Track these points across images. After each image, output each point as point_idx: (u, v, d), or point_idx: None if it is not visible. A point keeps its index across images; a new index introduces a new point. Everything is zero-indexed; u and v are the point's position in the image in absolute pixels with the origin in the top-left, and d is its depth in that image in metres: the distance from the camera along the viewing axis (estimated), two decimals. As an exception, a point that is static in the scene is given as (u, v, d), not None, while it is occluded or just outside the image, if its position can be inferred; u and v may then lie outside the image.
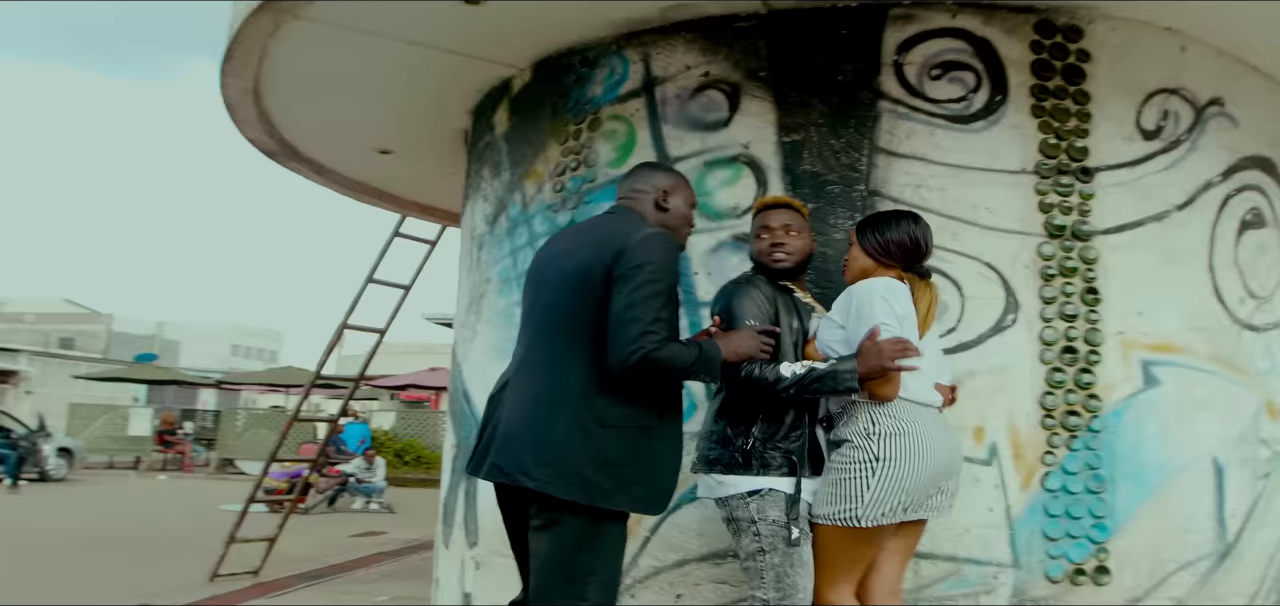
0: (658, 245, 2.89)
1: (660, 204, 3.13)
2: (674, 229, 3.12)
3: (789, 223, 3.32)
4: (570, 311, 2.93)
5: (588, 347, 2.85)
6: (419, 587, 7.51)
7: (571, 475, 2.77)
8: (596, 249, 2.92)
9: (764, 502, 3.09)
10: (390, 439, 21.41)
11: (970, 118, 3.99)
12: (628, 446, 2.84)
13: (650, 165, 3.35)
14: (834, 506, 3.05)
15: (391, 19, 4.32)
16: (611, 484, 2.79)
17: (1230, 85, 4.46)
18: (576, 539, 2.82)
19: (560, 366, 2.90)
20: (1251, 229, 4.45)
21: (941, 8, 4.05)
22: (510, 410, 2.98)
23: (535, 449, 2.83)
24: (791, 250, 3.30)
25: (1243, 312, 4.32)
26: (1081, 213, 3.99)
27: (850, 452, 3.07)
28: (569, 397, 2.85)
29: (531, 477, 2.81)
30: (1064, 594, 3.78)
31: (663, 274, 2.84)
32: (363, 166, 6.76)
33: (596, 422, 2.81)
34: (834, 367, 3.03)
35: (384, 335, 8.56)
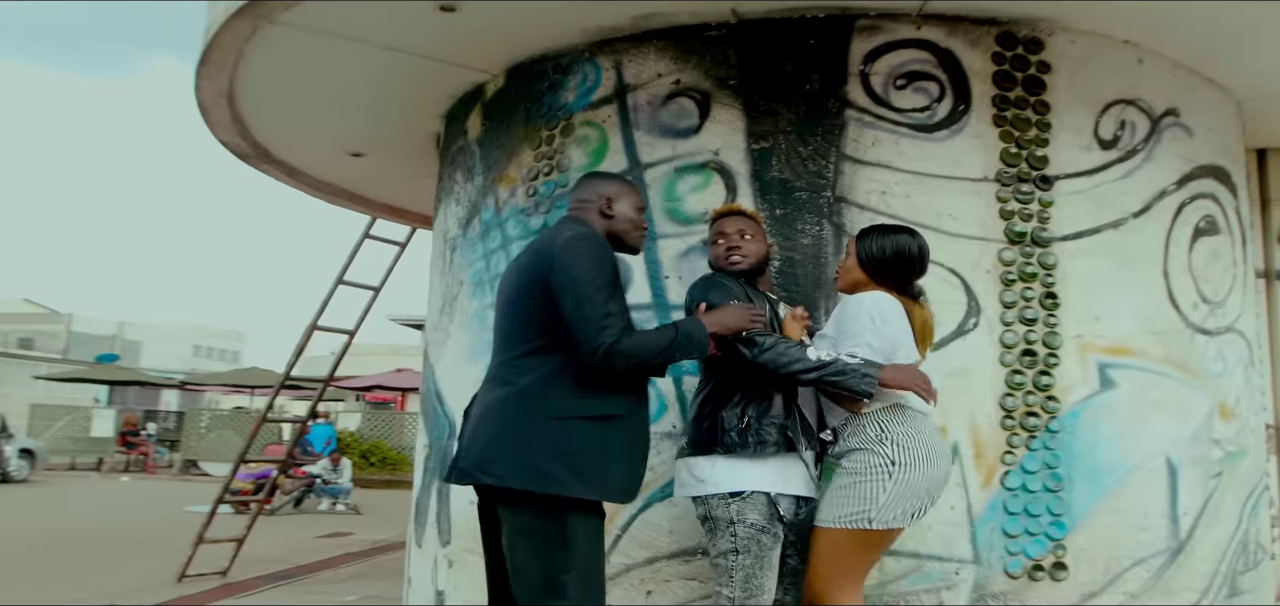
0: (581, 245, 3.00)
1: (604, 211, 3.22)
2: (623, 233, 3.23)
3: (743, 228, 3.44)
4: (518, 322, 3.06)
5: (540, 352, 2.97)
6: (387, 588, 7.53)
7: (526, 466, 2.87)
8: (535, 259, 3.07)
9: (744, 505, 3.17)
10: (356, 440, 21.30)
11: (934, 127, 4.10)
12: (583, 436, 2.91)
13: (595, 175, 3.45)
14: (847, 508, 3.13)
15: (367, 24, 4.36)
16: (566, 472, 2.86)
17: (1185, 96, 4.60)
18: (544, 536, 2.89)
19: (516, 373, 3.01)
20: (1205, 236, 4.59)
21: (907, 19, 4.16)
22: (474, 418, 3.10)
23: (493, 446, 2.94)
24: (747, 254, 3.42)
25: (1196, 317, 4.45)
26: (1041, 220, 4.11)
27: (864, 458, 3.16)
28: (524, 397, 2.95)
29: (490, 474, 2.92)
30: (1023, 589, 3.90)
31: (594, 268, 2.94)
32: (334, 169, 6.77)
33: (551, 416, 2.91)
34: (860, 367, 3.11)
35: (353, 337, 8.56)
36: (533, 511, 2.89)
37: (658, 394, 4.07)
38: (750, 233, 3.46)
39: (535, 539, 2.91)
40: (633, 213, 3.28)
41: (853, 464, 3.18)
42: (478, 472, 2.96)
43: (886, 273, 3.34)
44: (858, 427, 3.20)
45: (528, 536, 2.92)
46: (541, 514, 2.88)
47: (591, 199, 3.25)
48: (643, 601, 3.99)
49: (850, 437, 3.22)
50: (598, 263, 2.96)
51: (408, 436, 23.57)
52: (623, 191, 3.29)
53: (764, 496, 3.17)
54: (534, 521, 2.90)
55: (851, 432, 3.22)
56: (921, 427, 3.21)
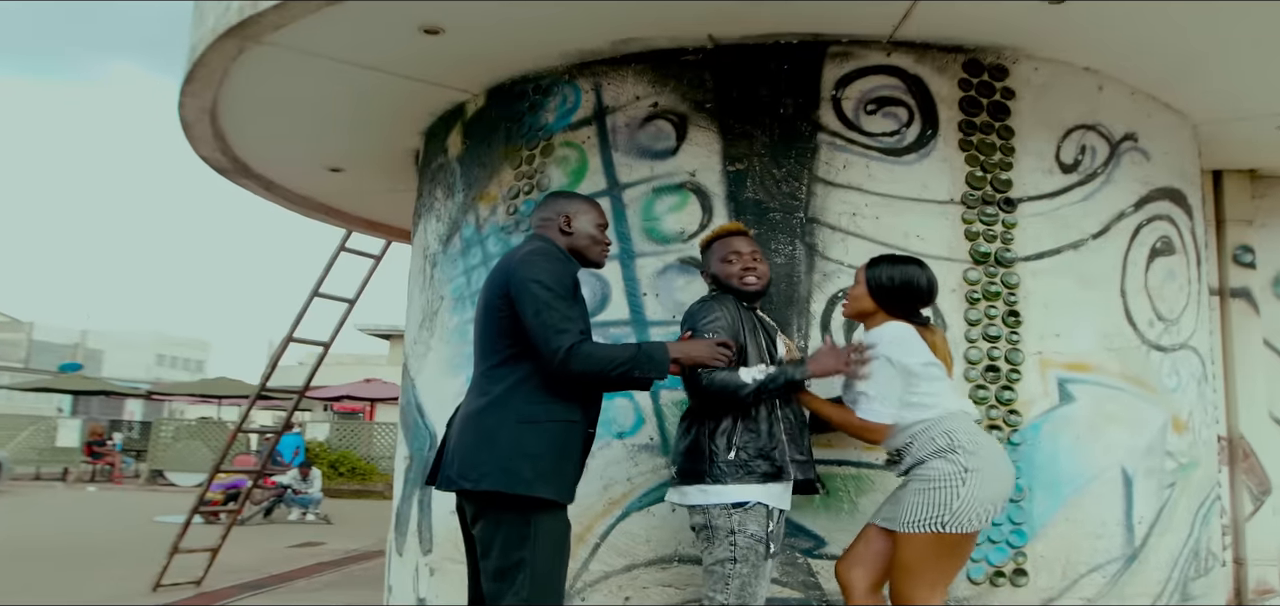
0: (538, 259, 3.19)
1: (563, 229, 3.37)
2: (583, 249, 3.38)
3: (758, 249, 3.57)
4: (490, 335, 3.23)
5: (510, 362, 3.15)
6: (362, 596, 7.59)
7: (498, 468, 3.04)
8: (500, 275, 3.25)
9: (746, 516, 3.29)
10: (324, 450, 21.24)
11: (903, 150, 4.25)
12: (548, 438, 3.09)
13: (557, 193, 3.62)
14: (925, 514, 3.30)
15: (352, 45, 4.45)
16: (532, 473, 3.04)
17: (1143, 121, 4.78)
18: (507, 532, 3.05)
19: (490, 382, 3.19)
20: (1161, 256, 4.77)
21: (877, 46, 4.31)
22: (455, 427, 3.27)
23: (471, 453, 3.11)
24: (761, 275, 3.54)
25: (1151, 334, 4.64)
26: (1004, 240, 4.27)
27: (939, 465, 3.32)
28: (496, 405, 3.13)
29: (468, 479, 3.09)
30: (985, 594, 4.06)
31: (552, 279, 3.12)
32: (312, 183, 6.84)
33: (520, 420, 3.09)
34: (785, 369, 3.31)
35: (328, 348, 8.62)
36: (502, 511, 3.06)
37: (635, 407, 4.21)
38: (762, 254, 3.61)
39: (502, 538, 3.07)
40: (592, 228, 3.43)
41: (928, 471, 3.34)
42: (460, 479, 3.12)
43: (894, 301, 3.51)
44: (928, 438, 3.36)
45: (496, 536, 3.08)
46: (509, 513, 3.05)
47: (552, 217, 3.41)
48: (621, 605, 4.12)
49: (921, 448, 3.37)
50: (555, 275, 3.14)
51: (376, 446, 23.51)
52: (581, 208, 3.44)
53: (764, 508, 3.31)
54: (502, 520, 3.06)
55: (921, 444, 3.37)
56: (985, 436, 3.46)
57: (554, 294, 3.10)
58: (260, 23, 4.11)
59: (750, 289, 3.52)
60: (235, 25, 4.17)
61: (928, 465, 3.34)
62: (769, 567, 3.35)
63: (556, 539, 3.13)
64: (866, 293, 3.54)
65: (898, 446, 3.47)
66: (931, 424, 3.37)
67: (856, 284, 3.59)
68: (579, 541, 4.12)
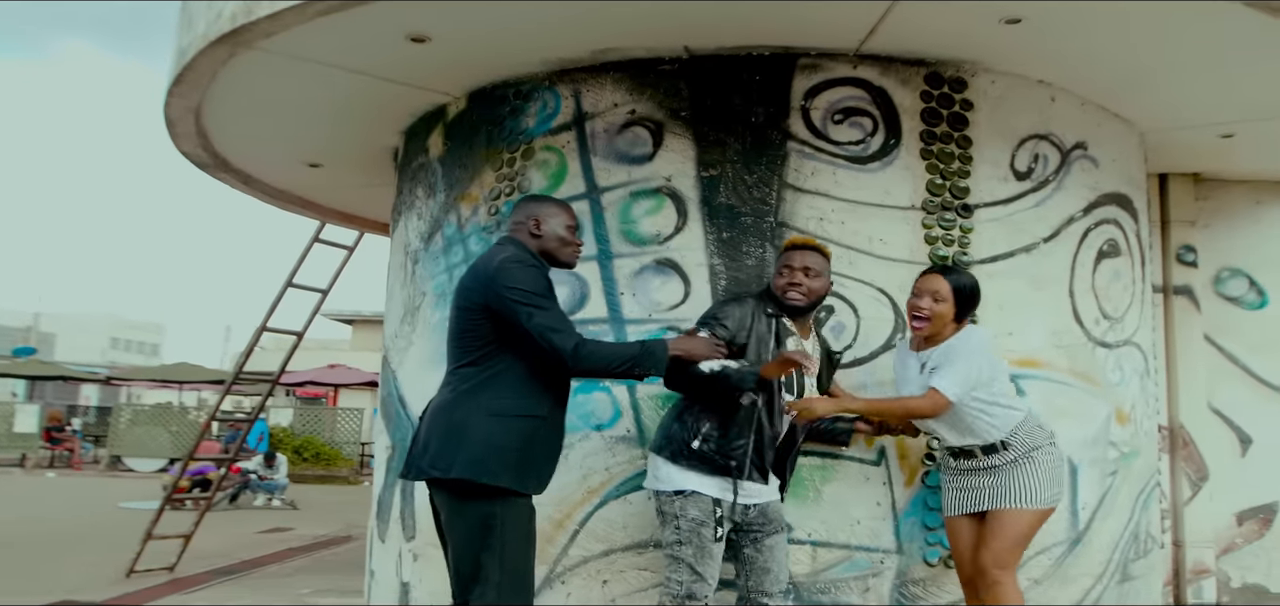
0: (514, 267, 3.39)
1: (533, 232, 3.57)
2: (553, 251, 3.57)
3: (809, 264, 3.72)
4: (462, 335, 3.44)
5: (480, 360, 3.36)
6: (335, 581, 7.72)
7: (467, 459, 3.24)
8: (473, 278, 3.45)
9: (687, 502, 3.55)
10: (289, 436, 21.25)
11: (867, 158, 4.49)
12: (516, 432, 3.30)
13: (528, 198, 3.83)
14: (1046, 491, 3.90)
15: (340, 51, 4.59)
16: (499, 465, 3.24)
17: (1093, 130, 5.04)
18: (474, 518, 3.26)
19: (459, 379, 3.40)
20: (1108, 258, 5.05)
21: (844, 59, 4.54)
22: (426, 420, 3.47)
23: (439, 443, 3.31)
24: (806, 291, 3.71)
25: (1098, 332, 4.92)
26: (961, 244, 4.52)
27: (1050, 451, 3.95)
28: (466, 399, 3.34)
29: (437, 468, 3.29)
30: (939, 576, 4.32)
31: (532, 286, 3.34)
32: (290, 177, 6.95)
33: (490, 414, 3.29)
34: (738, 367, 3.55)
35: (301, 337, 8.76)
36: (468, 499, 3.26)
37: (613, 400, 4.42)
38: (816, 269, 3.74)
39: (469, 527, 3.28)
40: (561, 231, 3.61)
41: (1042, 457, 3.91)
42: (430, 469, 3.32)
43: (969, 307, 3.97)
44: (1033, 429, 3.94)
45: (463, 525, 3.30)
46: (476, 503, 3.25)
47: (522, 221, 3.61)
48: (599, 590, 4.33)
49: (1029, 437, 3.91)
50: (532, 280, 3.36)
51: (340, 431, 23.54)
52: (550, 212, 3.63)
53: (708, 498, 3.55)
54: (469, 510, 3.27)
55: (1028, 434, 3.92)
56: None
57: (540, 297, 3.31)
58: (253, 30, 4.25)
59: (791, 302, 3.72)
60: (227, 33, 4.30)
61: (1042, 451, 3.91)
62: (718, 550, 3.56)
63: (523, 528, 3.33)
64: (953, 303, 3.89)
65: (992, 440, 3.89)
66: (1030, 417, 3.96)
67: (938, 299, 3.89)
68: (559, 528, 4.36)
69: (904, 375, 4.07)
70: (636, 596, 4.28)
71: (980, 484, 3.93)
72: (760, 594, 3.65)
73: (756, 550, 3.65)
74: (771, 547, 3.66)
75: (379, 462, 5.69)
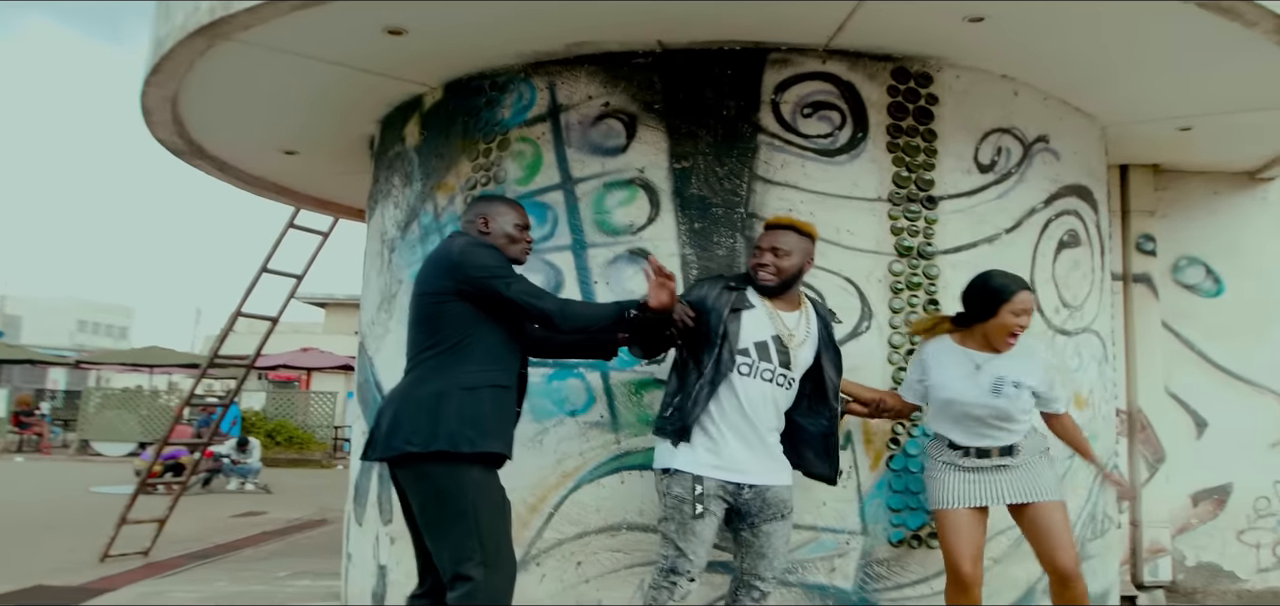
0: (474, 251, 3.59)
1: (481, 230, 3.73)
2: (500, 248, 3.70)
3: (778, 244, 3.76)
4: (420, 320, 3.61)
5: (442, 341, 3.51)
6: (311, 564, 7.77)
7: (445, 432, 3.38)
8: (432, 267, 3.63)
9: (671, 481, 3.66)
10: (261, 419, 21.23)
11: (836, 151, 4.61)
12: (488, 402, 3.47)
13: (480, 197, 4.04)
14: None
15: (318, 43, 4.66)
16: (476, 432, 3.40)
17: (1055, 124, 5.18)
18: (441, 486, 3.40)
19: (420, 362, 3.57)
20: (1068, 248, 5.19)
21: (813, 54, 4.65)
22: (388, 402, 3.62)
23: (405, 422, 3.44)
24: (775, 270, 3.75)
25: (1057, 320, 5.07)
26: (926, 235, 4.66)
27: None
28: (431, 377, 3.49)
29: (414, 443, 3.41)
30: (903, 556, 4.47)
31: (495, 263, 3.55)
32: (265, 164, 6.99)
33: (461, 389, 3.44)
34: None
35: (276, 322, 8.80)
36: (431, 464, 3.40)
37: (586, 386, 4.52)
38: (787, 248, 3.75)
39: (431, 487, 3.42)
40: (509, 228, 3.75)
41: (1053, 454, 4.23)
42: (405, 446, 3.43)
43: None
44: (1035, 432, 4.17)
45: (425, 487, 3.44)
46: (447, 474, 3.39)
47: (472, 219, 3.78)
48: (573, 572, 4.44)
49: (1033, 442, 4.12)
50: (495, 257, 3.58)
51: (313, 415, 23.53)
52: (499, 211, 3.78)
53: (688, 475, 3.63)
54: (429, 470, 3.41)
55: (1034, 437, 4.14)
56: None
57: (508, 271, 3.52)
58: (231, 23, 4.31)
59: (761, 281, 3.77)
60: (206, 25, 4.36)
61: (1050, 449, 4.22)
62: (702, 527, 3.60)
63: (492, 495, 3.47)
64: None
65: (1016, 442, 4.06)
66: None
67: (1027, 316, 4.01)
68: (533, 512, 4.47)
69: (952, 372, 4.06)
70: (610, 578, 4.40)
71: (997, 480, 4.02)
72: (753, 576, 3.72)
73: (753, 534, 3.70)
74: (768, 533, 3.69)
75: (356, 447, 5.77)
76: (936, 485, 4.09)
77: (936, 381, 4.08)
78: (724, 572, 4.19)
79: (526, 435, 4.29)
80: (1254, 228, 6.74)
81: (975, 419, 4.01)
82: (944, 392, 4.05)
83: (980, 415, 4.00)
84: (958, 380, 4.03)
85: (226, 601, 6.24)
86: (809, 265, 3.86)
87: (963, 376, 4.02)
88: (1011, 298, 3.98)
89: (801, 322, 3.83)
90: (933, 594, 4.48)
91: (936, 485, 4.09)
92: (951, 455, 4.08)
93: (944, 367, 4.08)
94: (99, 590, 6.68)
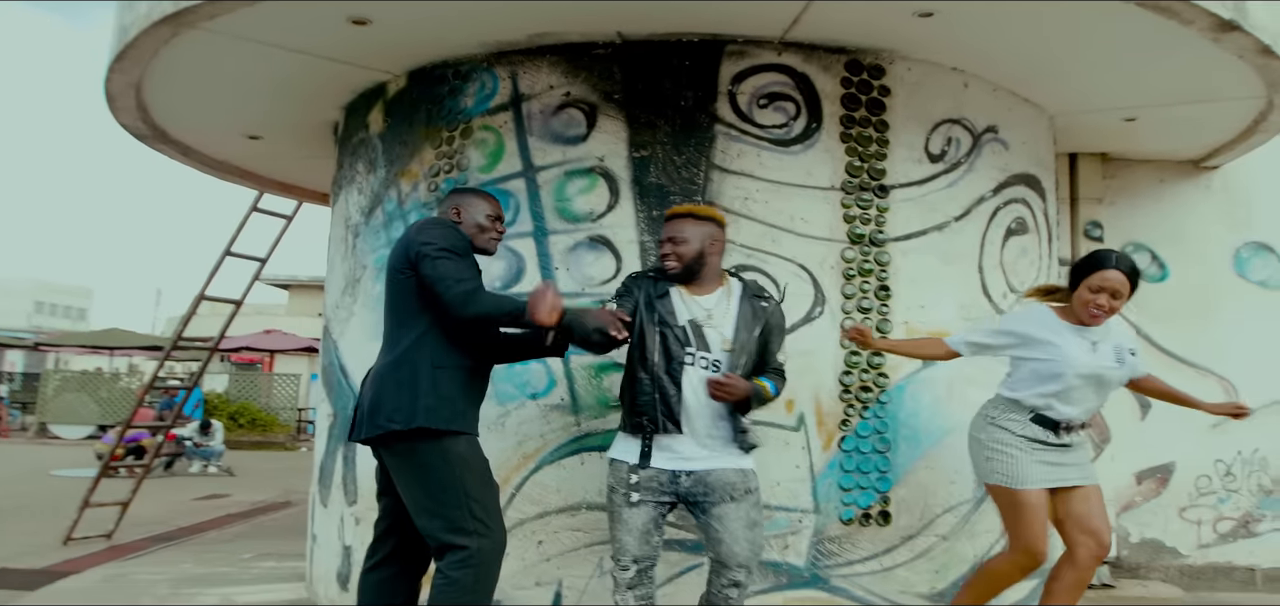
0: (429, 228, 3.69)
1: (454, 220, 3.82)
2: (472, 238, 3.80)
3: (673, 234, 3.79)
4: (392, 303, 3.72)
5: (414, 322, 3.62)
6: (276, 545, 7.81)
7: (423, 408, 3.50)
8: (399, 248, 3.70)
9: (611, 470, 3.77)
10: (223, 402, 21.14)
11: (790, 141, 4.74)
12: (457, 381, 3.58)
13: (455, 189, 4.11)
14: None
15: (283, 32, 4.71)
16: (450, 410, 3.53)
17: (1004, 115, 5.33)
18: (426, 461, 3.52)
19: (395, 343, 3.67)
20: (1015, 235, 5.36)
21: (769, 46, 4.77)
22: (367, 383, 3.74)
23: (385, 400, 3.56)
24: (677, 257, 3.78)
25: (1005, 305, 5.22)
26: (878, 223, 4.80)
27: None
28: (406, 360, 3.59)
29: (395, 420, 3.52)
30: (854, 533, 4.63)
31: (443, 242, 3.60)
32: (229, 149, 7.00)
33: (434, 367, 3.56)
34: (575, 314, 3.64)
35: (240, 305, 8.82)
36: (426, 448, 3.51)
37: (547, 370, 4.63)
38: (683, 236, 3.76)
39: (428, 474, 3.53)
40: (480, 218, 3.86)
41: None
42: (387, 424, 3.53)
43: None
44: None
45: (423, 473, 3.55)
46: (431, 448, 3.51)
47: (446, 210, 3.89)
48: (535, 550, 4.56)
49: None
50: (446, 238, 3.62)
51: (276, 397, 23.46)
52: (471, 202, 3.89)
53: (624, 465, 3.72)
54: (425, 459, 3.52)
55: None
56: None
57: (447, 252, 3.56)
58: (197, 13, 4.37)
59: (668, 269, 3.81)
60: (171, 14, 4.41)
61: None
62: (631, 516, 3.67)
63: (476, 465, 3.59)
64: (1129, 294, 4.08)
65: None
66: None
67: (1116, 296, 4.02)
68: (499, 488, 4.57)
69: (1070, 341, 4.05)
70: (570, 556, 4.53)
71: (1065, 460, 4.11)
72: (717, 562, 3.68)
73: (707, 519, 3.68)
74: (720, 517, 3.64)
75: (320, 430, 5.85)
76: (1011, 463, 4.07)
77: (1050, 350, 4.04)
78: (680, 551, 4.34)
79: (489, 417, 4.38)
80: (1198, 215, 6.93)
81: (1087, 389, 4.03)
82: (1057, 361, 4.01)
83: (1097, 385, 4.06)
84: (1076, 350, 4.02)
85: (192, 583, 6.29)
86: (715, 247, 3.83)
87: (1080, 347, 4.03)
88: (1093, 272, 4.03)
89: (722, 302, 3.81)
90: (881, 569, 4.65)
91: (1011, 463, 4.07)
92: (1034, 430, 4.08)
93: (1060, 334, 4.07)
94: (64, 572, 6.70)
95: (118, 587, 6.17)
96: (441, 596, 3.45)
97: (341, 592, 5.25)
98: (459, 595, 3.43)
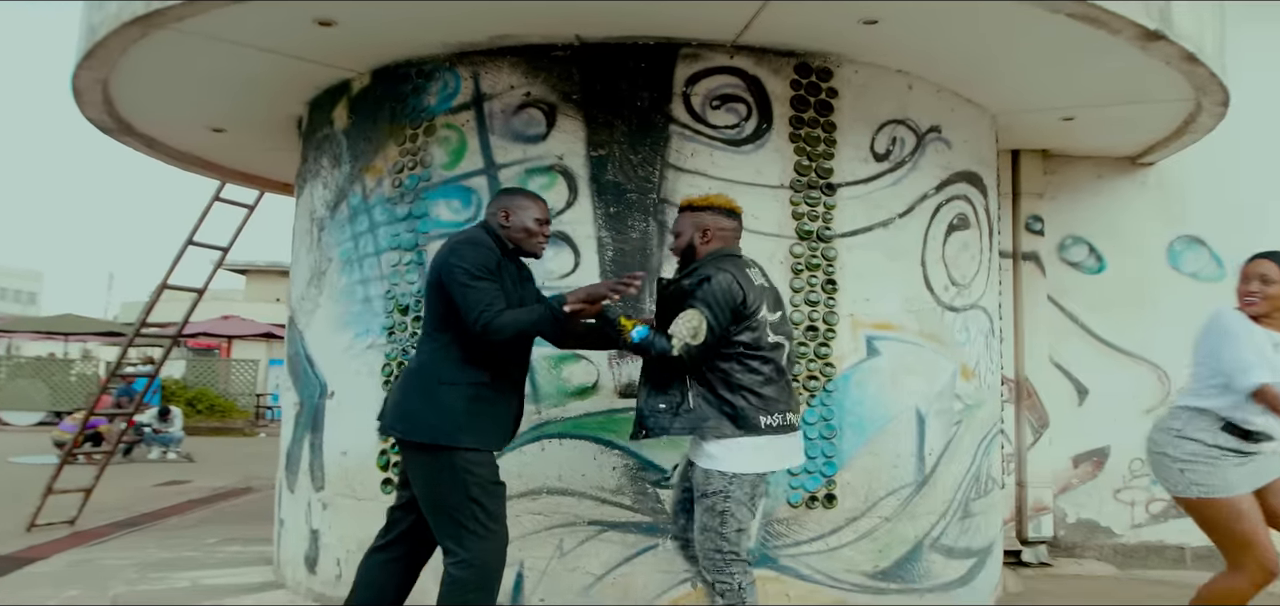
0: (463, 247, 3.75)
1: (502, 223, 3.90)
2: (518, 241, 3.90)
3: (673, 229, 4.02)
4: (427, 304, 3.88)
5: (435, 333, 3.79)
6: (240, 530, 7.87)
7: (423, 423, 3.68)
8: (437, 259, 3.80)
9: None
10: (181, 388, 21.05)
11: (742, 141, 4.94)
12: (463, 398, 3.70)
13: (505, 191, 4.16)
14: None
15: (250, 32, 4.83)
16: (452, 426, 3.66)
17: (947, 115, 5.55)
18: (435, 473, 3.69)
19: (421, 348, 3.86)
20: (957, 231, 5.59)
21: (722, 49, 4.96)
22: (395, 384, 3.96)
23: (400, 405, 3.76)
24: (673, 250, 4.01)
25: (946, 297, 5.47)
26: (825, 220, 5.01)
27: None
28: (423, 370, 3.78)
29: (399, 427, 3.75)
30: (801, 515, 4.86)
31: (470, 265, 3.67)
32: (193, 141, 7.08)
33: (439, 383, 3.71)
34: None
35: (202, 294, 8.89)
36: (417, 450, 3.70)
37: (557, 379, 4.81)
38: (676, 229, 3.95)
39: (425, 473, 3.72)
40: (528, 222, 3.92)
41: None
42: (396, 426, 3.77)
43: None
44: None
45: (419, 471, 3.75)
46: (427, 451, 3.68)
47: (495, 211, 3.94)
48: (497, 534, 4.74)
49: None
50: (474, 260, 3.69)
51: (234, 383, 23.39)
52: (519, 205, 3.94)
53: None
54: (422, 458, 3.71)
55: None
56: None
57: (473, 276, 3.64)
58: (165, 14, 4.48)
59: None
60: (141, 16, 4.52)
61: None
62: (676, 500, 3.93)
63: (480, 474, 3.71)
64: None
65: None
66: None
67: (1267, 281, 4.02)
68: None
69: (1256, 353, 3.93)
70: (531, 539, 4.72)
71: (1258, 459, 4.01)
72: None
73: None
74: (695, 512, 3.77)
75: (287, 418, 5.98)
76: (1214, 475, 3.98)
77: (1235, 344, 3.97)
78: (635, 532, 4.54)
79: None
80: (1134, 210, 7.23)
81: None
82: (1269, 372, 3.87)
83: None
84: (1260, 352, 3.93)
85: (160, 567, 6.39)
86: (706, 236, 3.87)
87: (1265, 350, 3.94)
88: (1245, 266, 4.11)
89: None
90: (827, 549, 4.88)
91: (1214, 475, 3.98)
92: (1230, 440, 3.99)
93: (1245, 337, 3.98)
94: (30, 558, 6.76)
95: (86, 572, 6.26)
96: (446, 594, 3.65)
97: (309, 575, 5.41)
98: (461, 593, 3.62)
